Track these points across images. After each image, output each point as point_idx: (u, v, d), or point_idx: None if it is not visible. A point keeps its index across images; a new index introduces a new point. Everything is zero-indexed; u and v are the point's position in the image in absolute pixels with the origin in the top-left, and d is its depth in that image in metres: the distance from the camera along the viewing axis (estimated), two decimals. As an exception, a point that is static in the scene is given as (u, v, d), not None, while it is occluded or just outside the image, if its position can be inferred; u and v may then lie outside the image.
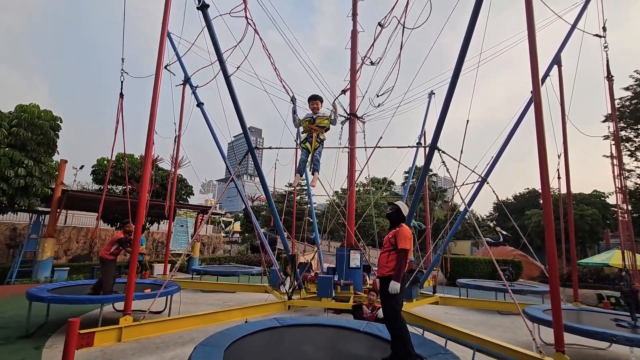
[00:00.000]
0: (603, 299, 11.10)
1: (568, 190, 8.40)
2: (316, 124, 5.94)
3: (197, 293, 10.80)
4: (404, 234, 3.79)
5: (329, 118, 6.04)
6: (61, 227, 18.19)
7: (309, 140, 5.97)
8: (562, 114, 8.15)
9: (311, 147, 5.94)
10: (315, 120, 5.96)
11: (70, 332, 3.66)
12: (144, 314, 5.16)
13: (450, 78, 5.49)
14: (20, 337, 5.69)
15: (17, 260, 11.78)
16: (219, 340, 3.84)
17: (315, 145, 5.93)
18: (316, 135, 5.95)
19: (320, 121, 5.96)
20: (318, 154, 5.98)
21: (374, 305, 6.74)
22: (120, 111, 6.57)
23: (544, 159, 4.05)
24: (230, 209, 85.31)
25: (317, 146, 5.97)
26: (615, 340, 4.78)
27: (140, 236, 5.29)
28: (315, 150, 5.93)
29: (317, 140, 5.96)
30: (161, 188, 18.16)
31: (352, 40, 10.49)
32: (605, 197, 26.56)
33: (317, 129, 5.96)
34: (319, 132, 5.99)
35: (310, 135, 5.97)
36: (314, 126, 5.94)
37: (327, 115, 6.04)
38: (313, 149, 5.93)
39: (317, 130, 5.97)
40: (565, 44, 7.84)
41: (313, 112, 6.07)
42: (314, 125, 5.94)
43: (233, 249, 29.46)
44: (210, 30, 5.70)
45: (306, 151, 6.00)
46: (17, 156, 10.34)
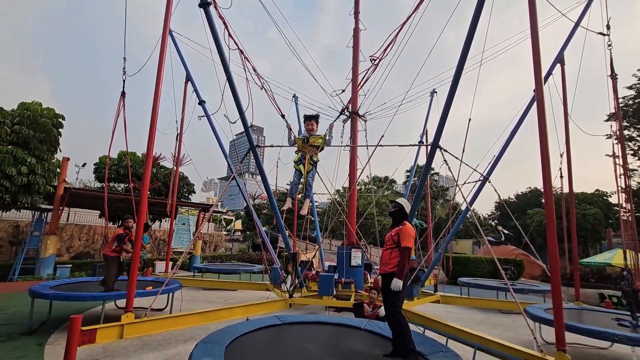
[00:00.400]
0: (605, 298, 11.07)
1: (570, 189, 8.37)
2: (310, 143, 5.84)
3: (199, 291, 10.83)
4: (407, 232, 3.80)
5: (323, 138, 5.93)
6: (63, 225, 18.27)
7: (302, 162, 5.88)
8: (564, 112, 8.10)
9: (304, 170, 5.82)
10: (309, 139, 5.85)
11: (72, 328, 3.68)
12: (145, 311, 5.18)
13: (453, 76, 5.47)
14: (23, 333, 5.73)
15: (19, 258, 11.84)
16: (221, 337, 3.85)
17: (308, 168, 5.82)
18: (309, 157, 5.84)
19: (314, 140, 5.86)
20: (311, 178, 5.88)
21: (375, 304, 6.75)
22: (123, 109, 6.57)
23: (546, 158, 4.04)
24: (232, 207, 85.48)
25: (310, 169, 5.86)
26: (616, 339, 4.77)
27: (142, 234, 5.30)
28: (308, 173, 5.81)
29: (310, 163, 5.86)
30: (163, 186, 18.22)
31: (354, 38, 10.47)
32: (607, 196, 26.47)
33: (310, 150, 5.85)
34: (313, 154, 5.88)
35: (303, 156, 5.85)
36: (308, 146, 5.83)
37: (321, 135, 5.94)
38: (306, 172, 5.81)
39: (311, 151, 5.86)
40: (569, 42, 7.79)
41: (308, 132, 5.97)
42: (308, 145, 5.83)
43: (234, 247, 29.52)
44: (212, 28, 5.69)
45: (299, 173, 5.90)
46: (19, 154, 10.38)
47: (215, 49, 5.85)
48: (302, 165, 5.86)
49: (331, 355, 3.70)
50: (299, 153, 5.98)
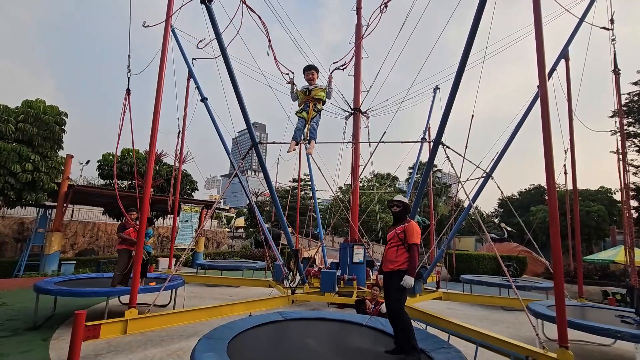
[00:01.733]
0: (608, 295, 11.03)
1: (574, 186, 8.32)
2: (312, 95, 5.85)
3: (202, 287, 10.90)
4: (414, 229, 3.79)
5: (324, 90, 5.94)
6: (68, 222, 18.40)
7: (305, 109, 5.89)
8: (569, 108, 8.05)
9: (308, 116, 5.84)
10: (312, 91, 5.88)
11: (76, 324, 3.71)
12: (149, 307, 5.22)
13: (456, 72, 5.43)
14: (28, 329, 5.79)
15: (24, 254, 11.96)
16: (223, 333, 3.88)
17: (312, 114, 5.83)
18: (313, 105, 5.86)
19: (315, 92, 5.88)
20: (315, 122, 5.89)
21: (377, 300, 6.75)
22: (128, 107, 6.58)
23: (550, 155, 4.00)
24: (235, 204, 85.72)
25: (314, 115, 5.88)
26: (619, 336, 4.76)
27: (144, 229, 5.32)
28: (312, 119, 5.83)
29: (315, 110, 5.87)
30: (165, 183, 18.29)
31: (356, 34, 10.41)
32: (612, 193, 26.29)
33: (313, 100, 5.87)
34: (316, 102, 5.90)
35: (307, 104, 5.88)
36: (310, 97, 5.85)
37: (322, 87, 5.95)
38: (310, 118, 5.83)
39: (314, 101, 5.88)
40: (573, 38, 7.72)
41: (309, 82, 6.01)
42: (310, 97, 5.85)
43: (237, 244, 29.63)
44: (214, 25, 5.68)
45: (302, 120, 5.90)
46: (24, 151, 10.44)
47: (218, 45, 5.84)
48: (305, 112, 5.87)
49: (333, 352, 3.72)
50: (301, 104, 6.00)
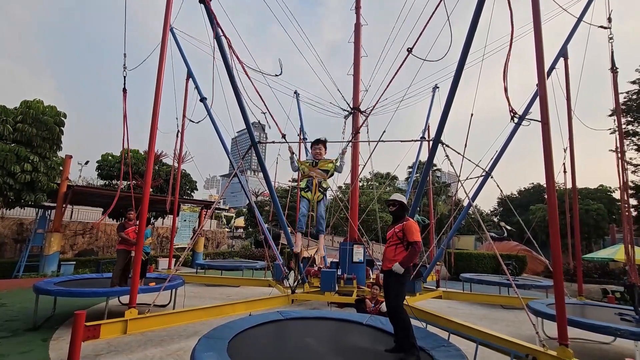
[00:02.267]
0: (608, 293, 11.05)
1: (573, 185, 8.33)
2: (318, 167, 5.15)
3: (202, 287, 10.90)
4: (412, 227, 3.78)
5: (334, 162, 5.25)
6: (67, 222, 18.38)
7: (310, 188, 5.13)
8: (568, 107, 8.05)
9: (313, 197, 5.08)
10: (318, 163, 5.16)
11: (76, 324, 3.71)
12: (149, 307, 5.21)
13: (455, 71, 5.43)
14: (28, 329, 5.79)
15: (24, 255, 11.94)
16: (223, 332, 3.88)
17: (317, 196, 5.06)
18: (318, 182, 5.12)
19: (323, 164, 5.16)
20: (322, 208, 5.14)
21: (377, 299, 6.76)
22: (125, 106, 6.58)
23: (549, 153, 4.01)
24: (234, 204, 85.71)
25: (321, 198, 5.11)
26: (619, 334, 4.77)
27: (144, 228, 5.32)
28: (318, 203, 5.08)
29: (320, 190, 5.09)
30: (165, 183, 18.28)
31: (355, 33, 10.41)
32: (611, 192, 26.33)
33: (318, 175, 5.16)
34: (322, 179, 5.19)
35: (310, 182, 5.15)
36: (316, 170, 5.12)
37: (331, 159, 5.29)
38: (316, 202, 5.07)
39: (319, 176, 5.16)
40: (572, 37, 7.72)
41: (315, 158, 5.32)
42: (316, 169, 5.12)
43: (237, 244, 29.63)
44: (212, 23, 5.67)
45: (306, 202, 5.15)
46: (22, 152, 10.42)
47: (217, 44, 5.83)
48: (309, 192, 5.10)
49: (333, 351, 3.72)
50: (306, 179, 5.24)
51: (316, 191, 5.06)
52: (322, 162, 5.22)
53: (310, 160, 5.32)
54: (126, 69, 6.40)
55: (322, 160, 5.24)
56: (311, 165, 5.21)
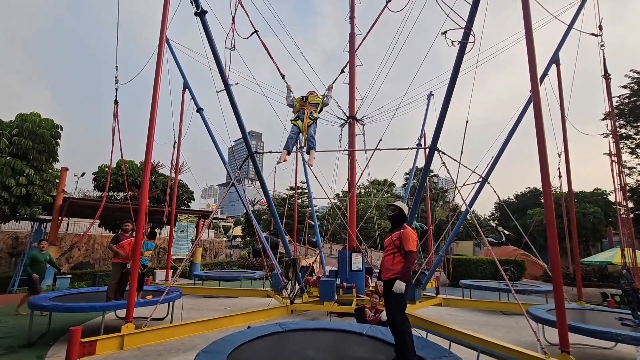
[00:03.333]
0: (607, 297, 11.04)
1: (569, 189, 8.38)
2: (308, 102, 5.81)
3: (199, 299, 10.77)
4: (409, 236, 3.76)
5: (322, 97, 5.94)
6: (63, 235, 18.19)
7: (300, 117, 5.77)
8: (561, 112, 8.15)
9: (303, 124, 5.72)
10: (308, 97, 5.84)
11: (71, 341, 3.65)
12: (145, 321, 5.14)
13: (449, 79, 5.49)
14: (22, 346, 5.67)
15: (19, 269, 11.76)
16: (222, 346, 3.82)
17: (307, 122, 5.72)
18: (308, 112, 5.77)
19: (312, 98, 5.84)
20: (312, 130, 5.78)
21: (377, 308, 6.71)
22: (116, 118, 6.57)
23: (544, 158, 4.05)
24: (232, 214, 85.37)
25: (311, 123, 5.76)
26: (620, 339, 4.75)
27: (141, 240, 5.27)
28: (309, 127, 5.73)
29: (310, 118, 5.76)
30: (162, 194, 18.19)
31: (350, 43, 10.52)
32: (607, 194, 26.50)
33: (309, 107, 5.79)
34: (312, 110, 5.83)
35: (302, 112, 5.79)
36: (306, 103, 5.79)
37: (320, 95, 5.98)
38: (306, 126, 5.72)
39: (310, 108, 5.80)
40: (563, 43, 7.86)
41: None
42: (307, 103, 5.79)
43: (235, 254, 29.41)
44: (208, 36, 5.72)
45: (296, 128, 5.79)
46: (18, 165, 10.37)
47: (213, 56, 5.87)
48: (300, 120, 5.75)
49: (334, 362, 3.68)
50: (296, 112, 5.90)
51: (306, 118, 5.71)
52: (312, 96, 5.90)
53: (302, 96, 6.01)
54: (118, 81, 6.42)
55: (312, 95, 5.92)
56: (302, 101, 5.87)
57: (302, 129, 5.75)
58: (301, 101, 5.87)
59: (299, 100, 5.89)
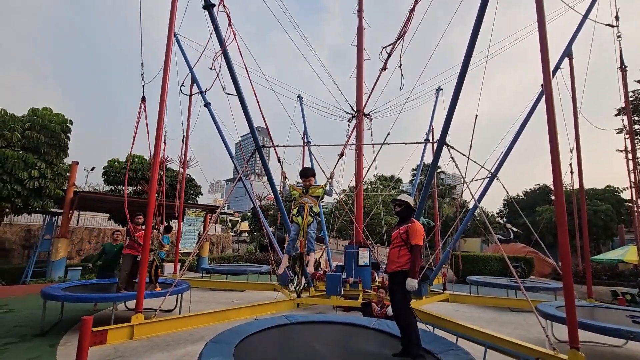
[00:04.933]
0: (618, 295, 10.88)
1: (580, 185, 8.24)
2: (309, 194, 5.44)
3: (207, 292, 10.89)
4: (416, 230, 3.74)
5: (323, 187, 5.59)
6: (74, 228, 18.53)
7: (300, 214, 5.40)
8: (573, 107, 7.98)
9: (302, 222, 5.36)
10: (308, 190, 5.46)
11: (83, 329, 3.72)
12: (155, 312, 5.22)
13: (459, 73, 5.42)
14: (35, 335, 5.82)
15: (31, 261, 12.03)
16: (229, 337, 3.86)
17: (308, 220, 5.35)
18: (309, 208, 5.39)
19: (313, 190, 5.46)
20: (312, 230, 5.43)
21: (383, 303, 6.71)
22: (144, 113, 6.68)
23: (555, 154, 3.97)
24: (239, 209, 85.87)
25: (311, 221, 5.39)
26: (631, 337, 4.68)
27: (150, 232, 5.33)
28: (308, 226, 5.37)
29: (311, 214, 5.39)
30: (170, 188, 18.36)
31: (357, 37, 10.44)
32: (619, 192, 26.02)
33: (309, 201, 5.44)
34: (313, 204, 5.47)
35: (302, 208, 5.43)
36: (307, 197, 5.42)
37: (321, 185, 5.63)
38: (306, 225, 5.36)
39: (310, 202, 5.45)
40: (577, 36, 7.68)
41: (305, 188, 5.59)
42: (307, 196, 5.43)
43: (242, 248, 29.64)
44: (216, 29, 5.72)
45: (296, 226, 5.44)
46: (30, 159, 10.54)
47: (221, 50, 5.87)
48: (300, 217, 5.38)
49: (340, 355, 3.69)
50: (297, 206, 5.52)
51: (307, 216, 5.35)
52: (313, 188, 5.52)
53: (302, 187, 5.59)
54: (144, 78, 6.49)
55: (312, 187, 5.53)
56: (302, 192, 5.52)
57: (302, 228, 5.37)
58: (301, 192, 5.50)
59: (299, 190, 5.52)
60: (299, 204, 5.49)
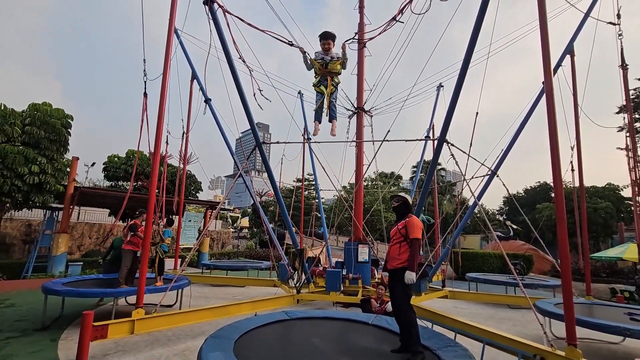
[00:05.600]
0: (616, 293, 10.91)
1: (581, 183, 8.24)
2: (329, 69, 5.83)
3: (207, 287, 10.94)
4: (414, 224, 3.76)
5: (340, 62, 5.92)
6: (74, 223, 18.57)
7: (323, 83, 5.86)
8: (574, 104, 7.96)
9: (327, 91, 5.80)
10: (328, 64, 5.85)
11: (84, 324, 3.74)
12: (155, 307, 5.25)
13: (460, 70, 5.40)
14: (36, 329, 5.86)
15: (32, 256, 12.07)
16: (229, 332, 3.89)
17: (331, 89, 5.82)
18: (330, 78, 5.85)
19: (332, 66, 5.85)
20: (334, 99, 5.89)
21: (383, 299, 6.75)
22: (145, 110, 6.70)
23: (556, 151, 3.96)
24: (239, 205, 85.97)
25: (333, 90, 5.88)
26: (629, 334, 4.70)
27: (150, 228, 5.35)
28: (331, 95, 5.82)
29: (332, 84, 5.86)
30: (170, 184, 18.37)
31: (359, 32, 10.38)
32: (619, 190, 26.03)
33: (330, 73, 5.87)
34: (333, 76, 5.91)
35: (324, 78, 5.88)
36: (327, 70, 5.83)
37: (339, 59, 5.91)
38: (329, 94, 5.81)
39: (331, 74, 5.88)
40: (578, 33, 7.64)
41: (325, 52, 5.93)
42: (327, 70, 5.83)
43: (242, 244, 29.71)
44: (216, 24, 5.69)
45: (321, 95, 5.89)
46: (31, 154, 10.54)
47: (221, 45, 5.85)
48: (323, 86, 5.85)
49: (339, 350, 3.71)
50: (318, 76, 5.97)
51: (330, 85, 5.82)
52: (332, 63, 5.86)
53: (321, 59, 5.88)
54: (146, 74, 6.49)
55: (332, 62, 5.86)
56: (322, 67, 5.86)
57: (327, 96, 5.84)
58: (321, 67, 5.87)
59: (318, 63, 5.87)
60: (320, 74, 5.89)
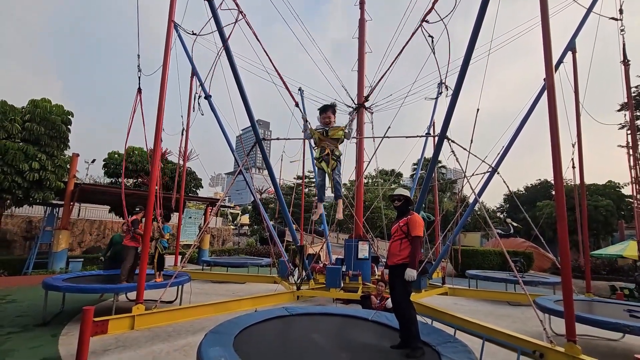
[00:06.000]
0: (616, 290, 10.92)
1: (581, 181, 8.21)
2: (329, 137, 5.39)
3: (207, 284, 10.97)
4: (416, 222, 3.77)
5: (343, 130, 5.49)
6: (75, 220, 18.59)
7: (324, 159, 5.36)
8: (576, 101, 7.92)
9: (327, 167, 5.34)
10: (328, 132, 5.40)
11: (85, 319, 3.75)
12: (155, 303, 5.26)
13: (460, 66, 5.37)
14: (37, 325, 5.88)
15: (33, 252, 12.10)
16: (229, 328, 3.90)
17: (332, 164, 5.34)
18: (331, 151, 5.37)
19: (333, 133, 5.40)
20: (337, 175, 5.39)
21: (383, 296, 6.76)
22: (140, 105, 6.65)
23: (557, 148, 3.94)
24: (239, 202, 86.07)
25: (335, 165, 5.38)
26: (628, 330, 4.71)
27: (151, 223, 5.35)
28: (333, 171, 5.34)
29: (334, 158, 5.37)
30: (170, 181, 18.37)
31: (359, 28, 10.35)
32: (620, 187, 26.00)
33: (330, 143, 5.40)
34: (334, 147, 5.42)
35: (324, 151, 5.41)
36: (327, 140, 5.38)
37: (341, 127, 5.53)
38: (331, 170, 5.33)
39: (331, 145, 5.41)
40: (580, 29, 7.58)
41: (325, 125, 5.53)
42: (327, 139, 5.39)
43: (242, 241, 29.76)
44: (216, 20, 5.67)
45: (322, 172, 5.44)
46: (31, 150, 10.53)
47: (221, 40, 5.83)
48: (324, 162, 5.36)
49: (339, 346, 3.72)
50: (318, 148, 5.52)
51: (330, 160, 5.34)
52: (333, 130, 5.44)
53: (321, 129, 5.51)
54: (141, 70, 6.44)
55: (333, 129, 5.46)
56: (322, 135, 5.45)
57: (328, 174, 5.38)
58: (321, 136, 5.43)
59: (319, 134, 5.46)
60: (320, 147, 5.49)
